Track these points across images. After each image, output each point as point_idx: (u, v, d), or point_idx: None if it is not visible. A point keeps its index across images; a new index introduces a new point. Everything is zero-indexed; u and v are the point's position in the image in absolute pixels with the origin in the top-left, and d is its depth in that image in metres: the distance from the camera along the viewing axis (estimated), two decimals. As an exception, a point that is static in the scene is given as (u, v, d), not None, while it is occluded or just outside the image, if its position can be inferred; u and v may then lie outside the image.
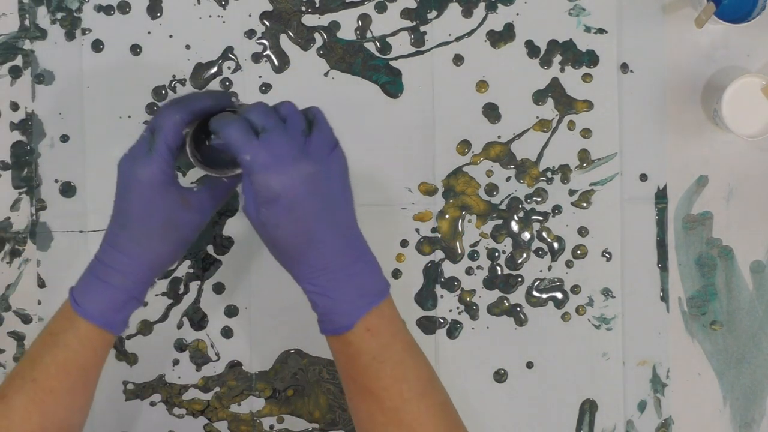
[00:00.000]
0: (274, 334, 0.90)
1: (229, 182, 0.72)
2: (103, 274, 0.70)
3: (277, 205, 0.65)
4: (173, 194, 0.69)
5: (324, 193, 0.66)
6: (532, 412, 0.90)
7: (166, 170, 0.68)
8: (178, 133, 0.68)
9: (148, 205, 0.68)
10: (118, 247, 0.70)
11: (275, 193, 0.64)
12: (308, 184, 0.65)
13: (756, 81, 0.86)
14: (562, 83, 0.90)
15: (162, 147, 0.67)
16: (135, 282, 0.70)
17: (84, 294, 0.71)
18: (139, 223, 0.69)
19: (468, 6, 0.90)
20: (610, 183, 0.90)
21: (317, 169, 0.65)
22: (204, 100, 0.70)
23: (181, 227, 0.70)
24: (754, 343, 0.91)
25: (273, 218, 0.65)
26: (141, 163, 0.68)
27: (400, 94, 0.90)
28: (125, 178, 0.69)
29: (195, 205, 0.70)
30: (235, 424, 0.90)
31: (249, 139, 0.64)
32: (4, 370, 0.90)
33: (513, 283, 0.90)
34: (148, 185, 0.68)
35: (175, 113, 0.68)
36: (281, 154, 0.64)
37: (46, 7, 0.89)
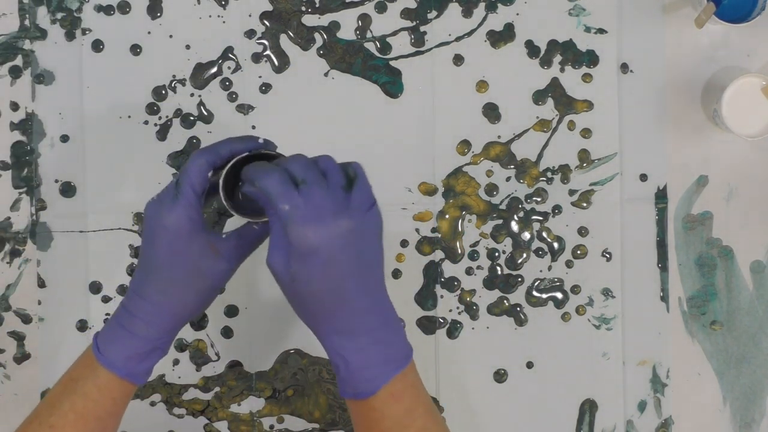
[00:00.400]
0: (274, 334, 0.90)
1: (260, 229, 0.70)
2: (127, 323, 0.68)
3: (311, 260, 0.62)
4: (200, 241, 0.66)
5: (359, 252, 0.63)
6: (532, 412, 0.91)
7: (193, 216, 0.66)
8: (204, 177, 0.66)
9: (173, 252, 0.66)
10: (143, 295, 0.67)
11: (312, 246, 0.61)
12: (346, 241, 0.62)
13: (756, 81, 0.86)
14: (562, 83, 0.90)
15: (188, 191, 0.66)
16: (159, 331, 0.68)
17: (107, 342, 0.68)
18: (164, 271, 0.66)
19: (468, 6, 0.90)
20: (610, 183, 0.90)
21: (356, 226, 0.63)
22: (231, 143, 0.68)
23: (208, 276, 0.68)
24: (754, 343, 0.91)
25: (305, 273, 0.62)
26: (167, 208, 0.66)
27: (400, 94, 0.90)
28: (151, 223, 0.67)
29: (223, 253, 0.67)
30: (235, 424, 0.90)
31: (288, 189, 0.62)
32: (4, 370, 0.90)
33: (513, 283, 0.90)
34: (174, 231, 0.65)
35: (201, 157, 0.66)
36: (321, 208, 0.62)
37: (46, 7, 0.89)
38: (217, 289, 0.69)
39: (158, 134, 0.90)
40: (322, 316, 0.65)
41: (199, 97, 0.90)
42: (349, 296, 0.64)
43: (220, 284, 0.69)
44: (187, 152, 0.90)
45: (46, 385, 0.89)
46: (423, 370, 0.90)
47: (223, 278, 0.69)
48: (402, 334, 0.67)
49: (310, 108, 0.90)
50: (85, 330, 0.90)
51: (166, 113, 0.90)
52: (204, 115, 0.90)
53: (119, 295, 0.90)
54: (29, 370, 0.90)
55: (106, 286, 0.90)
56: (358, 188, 0.65)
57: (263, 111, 0.90)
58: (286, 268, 0.63)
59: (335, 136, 0.90)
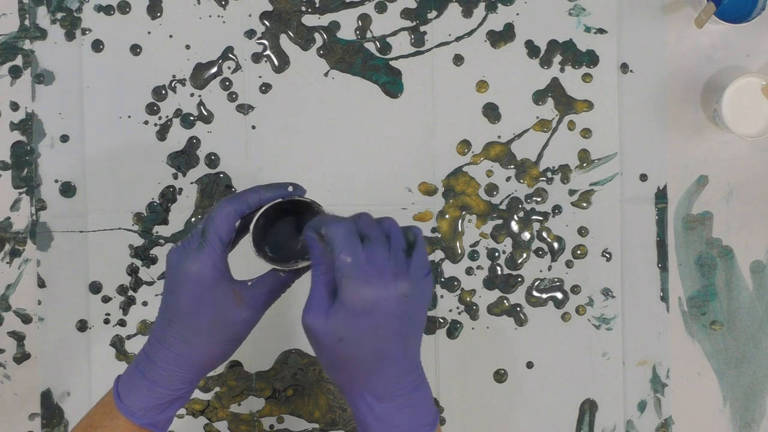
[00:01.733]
0: (274, 334, 0.90)
1: (286, 277, 0.68)
2: (148, 371, 0.66)
3: (364, 321, 0.60)
4: (225, 290, 0.65)
5: (410, 317, 0.62)
6: (532, 412, 0.91)
7: (218, 264, 0.64)
8: (232, 226, 0.65)
9: (197, 301, 0.64)
10: (165, 344, 0.66)
11: (369, 306, 0.59)
12: (401, 304, 0.60)
13: (756, 81, 0.86)
14: (562, 83, 0.90)
15: (214, 240, 0.64)
16: (181, 382, 0.67)
17: (128, 389, 0.67)
18: (187, 320, 0.65)
19: (468, 6, 0.90)
20: (610, 183, 0.90)
21: (413, 292, 0.61)
22: (260, 192, 0.67)
23: (232, 325, 0.66)
24: (754, 343, 0.91)
25: (354, 334, 0.60)
26: (192, 257, 0.64)
27: (400, 94, 0.90)
28: (174, 271, 0.65)
29: (248, 301, 0.66)
30: (235, 424, 0.90)
31: (355, 242, 0.60)
32: (4, 370, 0.90)
33: (513, 283, 0.90)
34: (197, 280, 0.64)
35: (229, 205, 0.65)
36: (383, 267, 0.60)
37: (46, 7, 0.89)
38: (241, 339, 0.67)
39: (158, 134, 0.90)
40: (360, 378, 0.63)
41: (199, 97, 0.90)
42: (391, 360, 0.62)
43: (243, 333, 0.67)
44: (187, 152, 0.90)
45: (46, 385, 0.89)
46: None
47: (247, 327, 0.67)
48: (431, 398, 0.66)
49: (310, 108, 0.90)
50: (85, 330, 0.90)
51: (166, 113, 0.90)
52: (204, 115, 0.90)
53: (119, 295, 0.90)
54: (29, 370, 0.90)
55: (106, 286, 0.90)
56: (417, 253, 0.63)
57: (263, 111, 0.90)
58: (329, 328, 0.60)
59: (335, 136, 0.90)
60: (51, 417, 0.89)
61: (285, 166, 0.90)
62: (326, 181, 0.90)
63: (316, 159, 0.90)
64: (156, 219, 0.90)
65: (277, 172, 0.90)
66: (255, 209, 0.67)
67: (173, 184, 0.90)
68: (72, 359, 0.90)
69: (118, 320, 0.90)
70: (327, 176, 0.90)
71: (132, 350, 0.90)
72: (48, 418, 0.89)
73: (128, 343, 0.90)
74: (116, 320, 0.90)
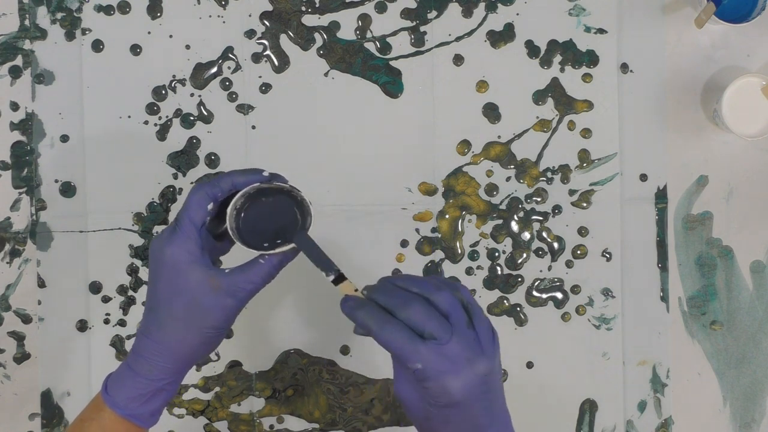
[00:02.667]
0: (274, 334, 0.90)
1: (269, 266, 0.66)
2: (133, 363, 0.67)
3: (451, 408, 0.58)
4: (199, 276, 0.64)
5: (494, 386, 0.60)
6: (532, 412, 0.90)
7: (191, 249, 0.64)
8: (204, 210, 0.65)
9: (172, 286, 0.64)
10: (147, 334, 0.66)
11: (454, 399, 0.58)
12: (484, 384, 0.59)
13: (756, 81, 0.86)
14: (562, 83, 0.90)
15: (186, 224, 0.64)
16: (162, 372, 0.66)
17: (115, 382, 0.67)
18: (163, 306, 0.65)
19: (468, 6, 0.90)
20: (610, 183, 0.90)
21: (491, 365, 0.59)
22: (233, 176, 0.66)
23: (208, 311, 0.65)
24: (754, 343, 0.91)
25: (443, 417, 0.59)
26: (166, 242, 0.64)
27: (400, 94, 0.90)
28: (152, 258, 0.65)
29: (225, 288, 0.65)
30: (235, 424, 0.90)
31: (415, 346, 0.57)
32: (4, 370, 0.90)
33: (513, 283, 0.90)
34: (171, 265, 0.64)
35: (200, 189, 0.65)
36: (457, 359, 0.57)
37: (46, 7, 0.89)
38: (221, 327, 0.66)
39: (158, 134, 0.90)
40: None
41: (199, 97, 0.90)
42: (482, 428, 0.60)
43: (222, 322, 0.66)
44: (187, 152, 0.90)
45: (46, 385, 0.89)
46: (423, 370, 0.90)
47: (227, 316, 0.66)
48: None
49: (310, 108, 0.90)
50: (85, 330, 0.90)
51: (166, 113, 0.90)
52: (204, 115, 0.90)
53: (119, 295, 0.90)
54: (29, 370, 0.90)
55: (106, 286, 0.90)
56: (479, 321, 0.60)
57: (263, 111, 0.90)
58: (420, 405, 0.59)
59: (335, 136, 0.90)
60: (51, 417, 0.89)
61: (285, 166, 0.90)
62: (326, 181, 0.90)
63: (316, 159, 0.90)
64: (156, 219, 0.90)
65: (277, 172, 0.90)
66: (231, 194, 0.66)
67: (173, 184, 0.90)
68: (72, 359, 0.90)
69: (118, 320, 0.90)
70: (327, 176, 0.90)
71: (132, 350, 0.90)
72: (48, 418, 0.89)
73: (128, 343, 0.90)
74: (116, 320, 0.90)
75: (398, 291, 0.60)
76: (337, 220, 0.90)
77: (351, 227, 0.90)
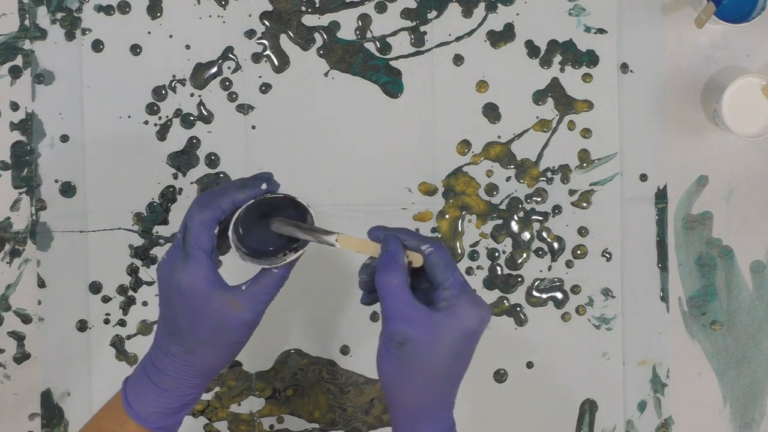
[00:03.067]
0: (274, 334, 0.90)
1: (280, 272, 0.66)
2: (156, 378, 0.66)
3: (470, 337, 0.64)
4: (220, 299, 0.64)
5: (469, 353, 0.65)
6: (532, 412, 0.90)
7: (208, 276, 0.63)
8: (211, 236, 0.64)
9: (195, 314, 0.64)
10: (170, 354, 0.66)
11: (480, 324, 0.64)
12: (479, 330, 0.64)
13: (756, 81, 0.86)
14: (562, 83, 0.90)
15: (197, 253, 0.63)
16: (189, 387, 0.66)
17: (137, 394, 0.67)
18: (188, 333, 0.65)
19: (468, 6, 0.90)
20: (610, 183, 0.90)
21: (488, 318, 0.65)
22: (232, 195, 0.65)
23: (233, 330, 0.65)
24: (754, 343, 0.91)
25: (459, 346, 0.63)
26: (180, 272, 0.63)
27: (400, 94, 0.90)
28: (166, 286, 0.64)
29: (245, 304, 0.65)
30: (235, 424, 0.90)
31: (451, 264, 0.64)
32: (4, 370, 0.90)
33: (513, 283, 0.90)
34: (191, 295, 0.63)
35: (203, 214, 0.64)
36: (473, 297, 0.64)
37: (46, 7, 0.89)
38: (244, 341, 0.67)
39: (158, 134, 0.90)
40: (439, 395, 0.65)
41: (199, 97, 0.90)
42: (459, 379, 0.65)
43: (246, 335, 0.66)
44: (187, 152, 0.90)
45: (46, 385, 0.89)
46: (423, 370, 0.90)
47: (249, 329, 0.66)
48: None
49: (310, 108, 0.90)
50: (85, 330, 0.90)
51: (166, 113, 0.90)
52: (204, 115, 0.90)
53: (119, 295, 0.90)
54: (29, 370, 0.90)
55: (106, 286, 0.90)
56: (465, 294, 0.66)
57: (263, 111, 0.90)
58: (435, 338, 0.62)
59: (335, 136, 0.90)
60: (51, 417, 0.89)
61: (285, 166, 0.90)
62: (326, 181, 0.90)
63: (316, 159, 0.90)
64: (156, 219, 0.90)
65: (277, 172, 0.89)
66: (231, 213, 0.65)
67: (173, 184, 0.90)
68: (72, 359, 0.90)
69: (118, 320, 0.90)
70: (327, 176, 0.90)
71: (132, 350, 0.90)
72: (48, 418, 0.89)
73: (128, 343, 0.90)
74: (116, 320, 0.90)
75: None
76: (337, 220, 0.90)
77: (351, 227, 0.90)
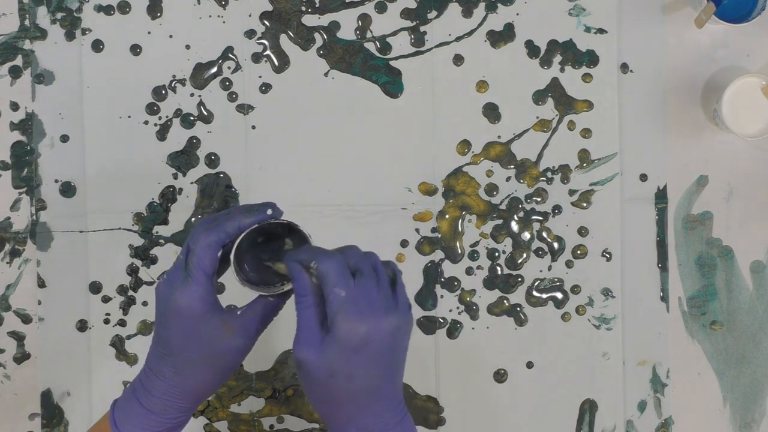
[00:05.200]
0: (274, 334, 0.90)
1: (275, 301, 0.67)
2: (144, 400, 0.66)
3: (357, 356, 0.60)
4: (214, 322, 0.64)
5: (398, 350, 0.63)
6: (532, 412, 0.91)
7: (206, 298, 0.63)
8: (215, 258, 0.64)
9: (188, 335, 0.64)
10: (160, 375, 0.66)
11: (364, 340, 0.60)
12: (393, 338, 0.61)
13: (756, 81, 0.86)
14: (562, 83, 0.90)
15: (198, 274, 0.63)
16: (177, 411, 0.66)
17: (125, 416, 0.66)
18: (179, 354, 0.64)
19: (468, 6, 0.90)
20: (610, 183, 0.90)
21: (401, 325, 0.62)
22: (238, 219, 0.65)
23: (225, 354, 0.65)
24: (754, 343, 0.91)
25: (347, 369, 0.60)
26: (179, 292, 0.63)
27: (400, 94, 0.90)
28: (163, 306, 0.65)
29: (239, 329, 0.65)
30: (235, 424, 0.90)
31: (347, 276, 0.61)
32: (4, 370, 0.90)
33: (513, 283, 0.90)
34: (187, 315, 0.63)
35: (209, 237, 0.64)
36: (376, 302, 0.61)
37: (46, 7, 0.89)
38: (235, 367, 0.67)
39: (158, 134, 0.90)
40: (348, 413, 0.62)
41: (199, 97, 0.90)
42: (381, 395, 0.62)
43: (237, 361, 0.66)
44: (187, 152, 0.90)
45: (46, 385, 0.89)
46: (423, 370, 0.90)
47: (241, 355, 0.66)
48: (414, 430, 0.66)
49: (310, 108, 0.90)
50: (85, 330, 0.90)
51: (166, 113, 0.90)
52: (204, 115, 0.90)
53: (119, 295, 0.90)
54: (29, 370, 0.90)
55: (106, 286, 0.90)
56: (400, 288, 0.64)
57: (263, 111, 0.90)
58: (322, 362, 0.60)
59: (335, 136, 0.90)
60: (51, 417, 0.89)
61: (285, 166, 0.90)
62: (326, 181, 0.90)
63: (316, 159, 0.90)
64: (156, 219, 0.90)
65: (277, 172, 0.90)
66: (234, 237, 0.65)
67: (173, 184, 0.90)
68: (72, 359, 0.90)
69: (118, 320, 0.90)
70: (327, 176, 0.90)
71: (132, 350, 0.90)
72: (48, 418, 0.89)
73: (128, 343, 0.90)
74: (116, 320, 0.90)
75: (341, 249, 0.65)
76: (337, 220, 0.90)
77: (351, 227, 0.90)
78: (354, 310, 0.60)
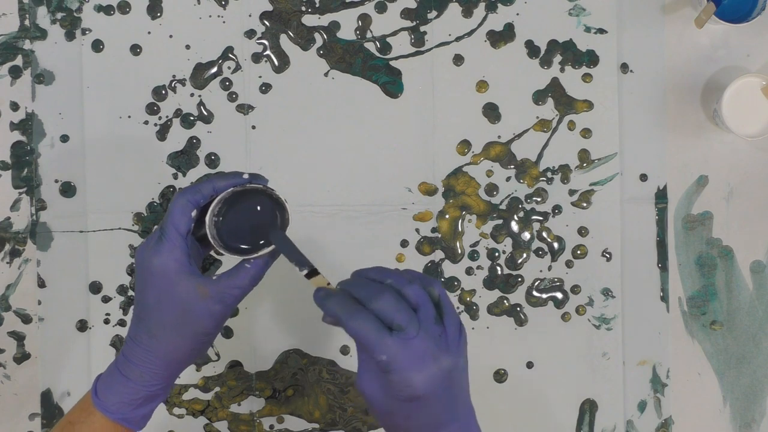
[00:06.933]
0: (274, 334, 0.90)
1: (255, 269, 0.66)
2: (123, 368, 0.67)
3: (413, 402, 0.59)
4: (187, 283, 0.64)
5: (455, 389, 0.61)
6: (532, 412, 0.90)
7: (178, 257, 0.64)
8: (188, 217, 0.65)
9: (160, 295, 0.65)
10: (137, 340, 0.66)
11: (416, 393, 0.58)
12: (447, 380, 0.59)
13: (756, 81, 0.86)
14: (562, 83, 0.90)
15: (171, 232, 0.64)
16: (153, 377, 0.66)
17: (105, 386, 0.68)
18: (153, 314, 0.65)
19: (468, 6, 0.90)
20: (610, 183, 0.90)
21: (455, 362, 0.60)
22: (213, 181, 0.67)
23: (198, 319, 0.65)
24: (754, 343, 0.91)
25: (405, 411, 0.59)
26: (153, 251, 0.64)
27: (400, 94, 0.90)
28: (140, 267, 0.66)
29: (213, 295, 0.65)
30: (235, 424, 0.90)
31: (383, 337, 0.58)
32: (4, 370, 0.90)
33: (513, 283, 0.90)
34: (159, 274, 0.64)
35: (182, 196, 0.65)
36: (422, 354, 0.58)
37: (46, 7, 0.89)
38: (212, 333, 0.67)
39: (158, 134, 0.90)
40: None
41: (199, 97, 0.90)
42: (443, 423, 0.61)
43: (212, 328, 0.66)
44: (187, 152, 0.90)
45: (46, 385, 0.89)
46: (423, 370, 0.90)
47: (216, 321, 0.66)
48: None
49: (310, 108, 0.90)
50: (85, 330, 0.90)
51: (166, 113, 0.90)
52: (204, 115, 0.90)
53: (119, 295, 0.90)
54: (29, 370, 0.90)
55: (106, 286, 0.90)
56: (449, 317, 0.61)
57: (263, 111, 0.90)
58: (381, 401, 0.60)
59: (335, 136, 0.90)
60: (51, 417, 0.89)
61: (285, 166, 0.90)
62: (326, 181, 0.90)
63: (316, 159, 0.90)
64: (156, 219, 0.90)
65: (277, 172, 0.90)
66: (211, 199, 0.66)
67: (173, 184, 0.90)
68: (72, 359, 0.90)
69: (118, 320, 0.90)
70: (327, 176, 0.90)
71: (132, 350, 0.90)
72: (48, 418, 0.89)
73: (128, 343, 0.90)
74: (116, 320, 0.90)
75: (370, 283, 0.61)
76: (337, 220, 0.90)
77: (351, 227, 0.90)
78: (398, 368, 0.58)
